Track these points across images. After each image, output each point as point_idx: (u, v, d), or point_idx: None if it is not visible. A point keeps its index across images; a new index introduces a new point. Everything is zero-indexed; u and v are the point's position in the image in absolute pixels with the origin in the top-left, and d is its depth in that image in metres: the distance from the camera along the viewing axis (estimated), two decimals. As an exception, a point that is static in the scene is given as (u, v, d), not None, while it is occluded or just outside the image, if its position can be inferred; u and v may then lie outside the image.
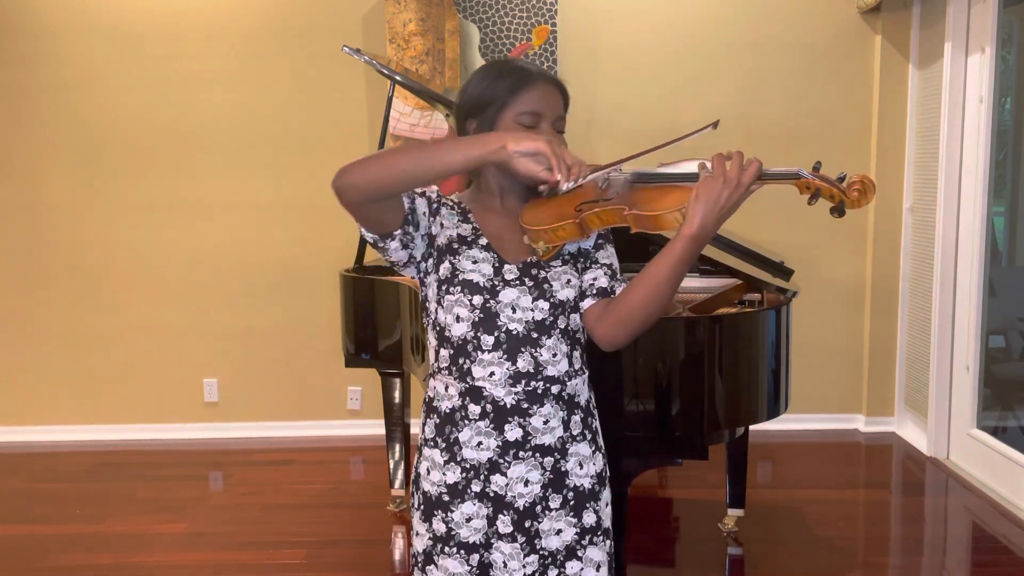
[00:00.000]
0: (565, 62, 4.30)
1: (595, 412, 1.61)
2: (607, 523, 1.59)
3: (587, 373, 1.59)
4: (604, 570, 1.57)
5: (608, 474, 1.62)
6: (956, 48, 3.88)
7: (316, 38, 4.27)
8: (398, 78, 3.26)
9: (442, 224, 1.52)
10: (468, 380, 1.48)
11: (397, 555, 3.23)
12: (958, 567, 3.16)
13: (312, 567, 3.09)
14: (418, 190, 1.50)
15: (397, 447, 3.56)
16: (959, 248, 3.95)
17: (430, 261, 1.51)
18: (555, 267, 1.52)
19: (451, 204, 1.56)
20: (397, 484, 3.57)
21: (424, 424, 1.57)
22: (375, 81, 4.25)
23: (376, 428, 4.21)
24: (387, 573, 3.10)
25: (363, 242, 3.56)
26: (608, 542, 1.58)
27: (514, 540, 1.50)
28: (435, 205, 1.53)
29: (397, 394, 3.52)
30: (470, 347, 1.48)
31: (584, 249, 1.57)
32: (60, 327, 4.49)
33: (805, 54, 4.33)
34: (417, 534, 1.56)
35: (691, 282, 2.97)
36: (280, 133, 4.37)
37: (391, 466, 3.58)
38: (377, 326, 3.30)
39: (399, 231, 1.44)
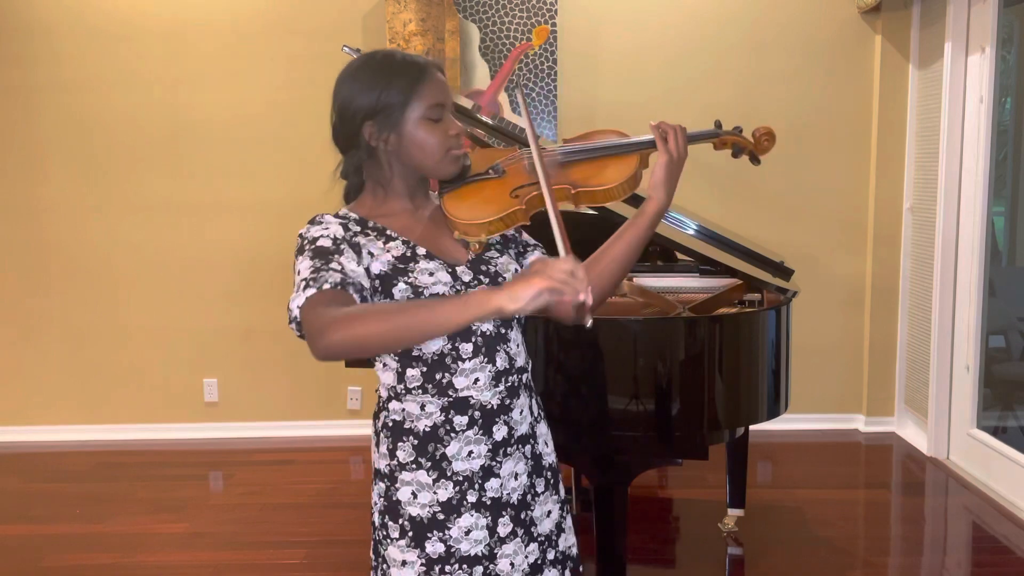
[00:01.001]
0: (565, 62, 4.30)
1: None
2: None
3: None
4: (574, 534, 1.64)
5: None
6: (956, 48, 3.88)
7: (316, 38, 4.27)
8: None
9: (370, 253, 1.40)
10: (451, 393, 1.43)
11: (397, 555, 3.23)
12: (958, 567, 3.16)
13: (312, 567, 3.09)
14: (328, 245, 1.37)
15: (397, 447, 3.56)
16: (959, 248, 3.95)
17: (375, 295, 1.39)
18: (497, 258, 1.50)
19: (358, 228, 1.43)
20: (397, 484, 3.56)
21: (393, 450, 1.46)
22: (375, 81, 4.25)
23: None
24: (387, 573, 3.10)
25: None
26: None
27: (515, 536, 1.49)
28: (355, 240, 1.40)
29: (397, 394, 3.52)
30: (448, 359, 1.42)
31: (510, 235, 1.57)
32: (60, 327, 4.49)
33: (805, 54, 4.33)
34: (404, 563, 1.46)
35: (691, 282, 2.98)
36: (280, 133, 4.37)
37: (391, 466, 3.57)
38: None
39: None
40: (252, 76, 4.33)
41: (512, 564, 1.49)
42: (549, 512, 1.55)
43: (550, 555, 1.54)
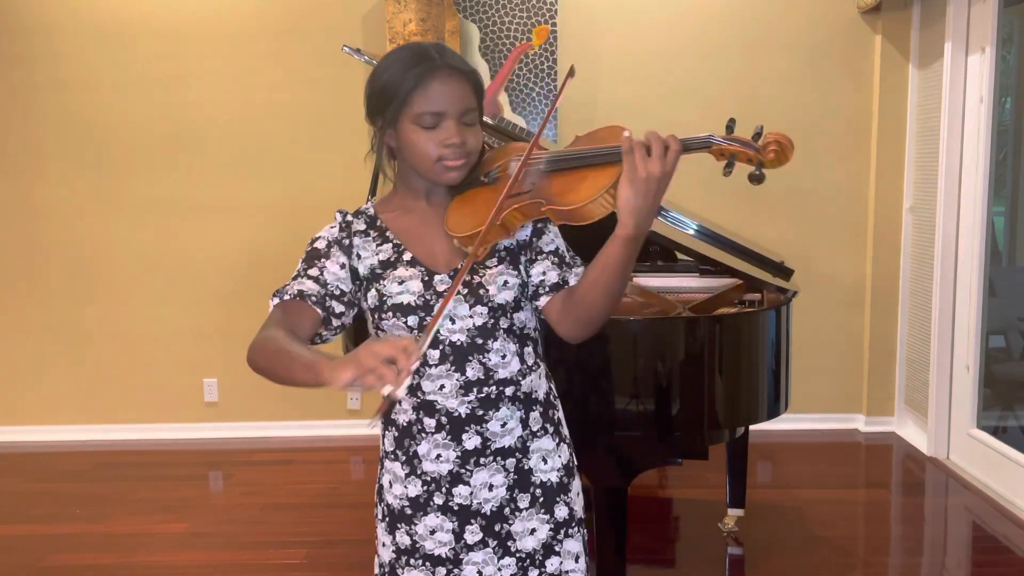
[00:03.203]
0: (565, 62, 4.29)
1: (557, 403, 1.57)
2: (580, 512, 1.56)
3: (543, 366, 1.54)
4: (583, 560, 1.55)
5: (575, 463, 1.58)
6: (956, 48, 3.88)
7: (316, 38, 4.27)
8: (398, 78, 3.25)
9: (359, 255, 1.46)
10: (420, 395, 1.45)
11: (397, 555, 3.23)
12: (958, 567, 3.16)
13: (312, 567, 3.09)
14: (321, 247, 1.45)
15: (397, 447, 3.56)
16: (959, 248, 3.95)
17: (359, 293, 1.47)
18: (489, 268, 1.45)
19: (364, 226, 1.48)
20: (397, 484, 3.56)
21: (383, 436, 1.54)
22: (375, 81, 4.25)
23: (376, 428, 4.20)
24: (387, 573, 3.10)
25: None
26: (583, 530, 1.56)
27: (486, 546, 1.48)
28: (346, 242, 1.46)
29: (397, 394, 3.52)
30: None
31: (523, 241, 1.49)
32: (60, 327, 4.49)
33: (805, 54, 4.33)
34: (383, 544, 1.54)
35: (691, 282, 2.97)
36: (280, 133, 4.37)
37: (391, 466, 3.57)
38: (377, 326, 3.30)
39: (326, 321, 1.44)
40: (252, 76, 4.33)
41: (480, 573, 1.48)
42: (533, 530, 1.49)
43: (533, 574, 1.50)
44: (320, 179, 4.38)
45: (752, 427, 2.97)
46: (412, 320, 1.41)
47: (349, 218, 1.49)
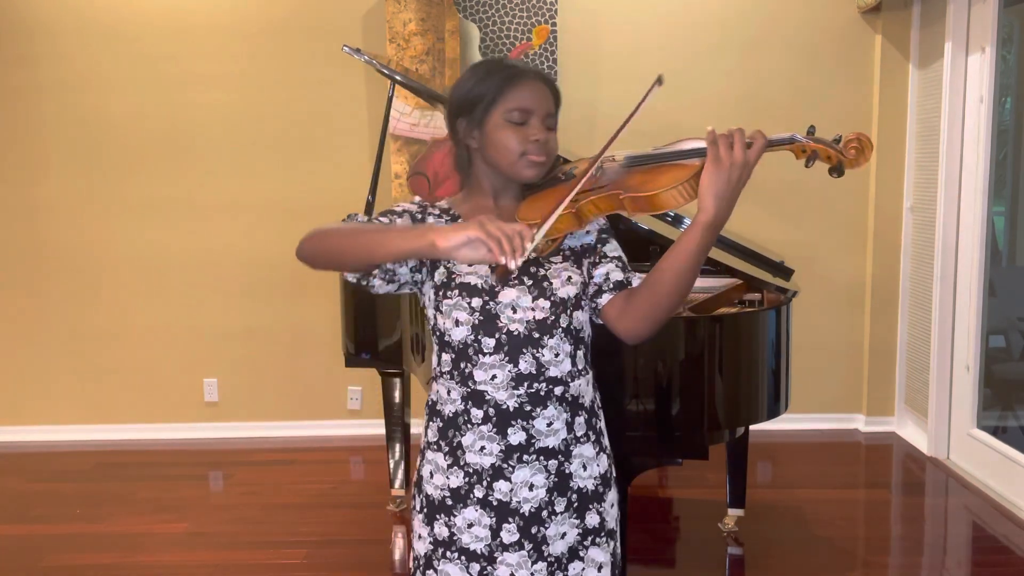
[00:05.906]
0: (565, 62, 4.30)
1: (600, 413, 1.60)
2: (611, 524, 1.56)
3: (591, 373, 1.57)
4: (607, 571, 1.54)
5: (613, 475, 1.60)
6: (956, 48, 3.88)
7: (316, 38, 4.27)
8: (398, 78, 3.26)
9: None
10: (470, 384, 1.47)
11: (397, 555, 3.24)
12: (958, 567, 3.16)
13: (312, 567, 3.09)
14: (397, 209, 1.51)
15: (397, 447, 3.56)
16: (959, 248, 3.95)
17: (423, 271, 1.50)
18: (555, 264, 1.51)
19: (438, 212, 1.55)
20: (397, 484, 3.57)
21: (427, 427, 1.56)
22: (375, 81, 4.25)
23: (376, 428, 4.21)
24: (387, 573, 3.10)
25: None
26: (612, 543, 1.56)
27: (521, 548, 1.48)
28: (419, 216, 1.52)
29: (397, 394, 3.53)
30: (471, 351, 1.46)
31: (588, 245, 1.55)
32: (60, 327, 4.49)
33: (805, 54, 4.33)
34: (419, 537, 1.55)
35: (691, 282, 2.97)
36: (280, 133, 4.37)
37: (391, 466, 3.58)
38: (377, 326, 3.31)
39: (377, 269, 1.44)
40: (252, 76, 4.33)
41: (513, 575, 1.48)
42: (564, 534, 1.50)
43: None
44: (320, 179, 4.38)
45: (752, 427, 2.97)
46: (476, 302, 1.45)
47: (424, 203, 1.55)
